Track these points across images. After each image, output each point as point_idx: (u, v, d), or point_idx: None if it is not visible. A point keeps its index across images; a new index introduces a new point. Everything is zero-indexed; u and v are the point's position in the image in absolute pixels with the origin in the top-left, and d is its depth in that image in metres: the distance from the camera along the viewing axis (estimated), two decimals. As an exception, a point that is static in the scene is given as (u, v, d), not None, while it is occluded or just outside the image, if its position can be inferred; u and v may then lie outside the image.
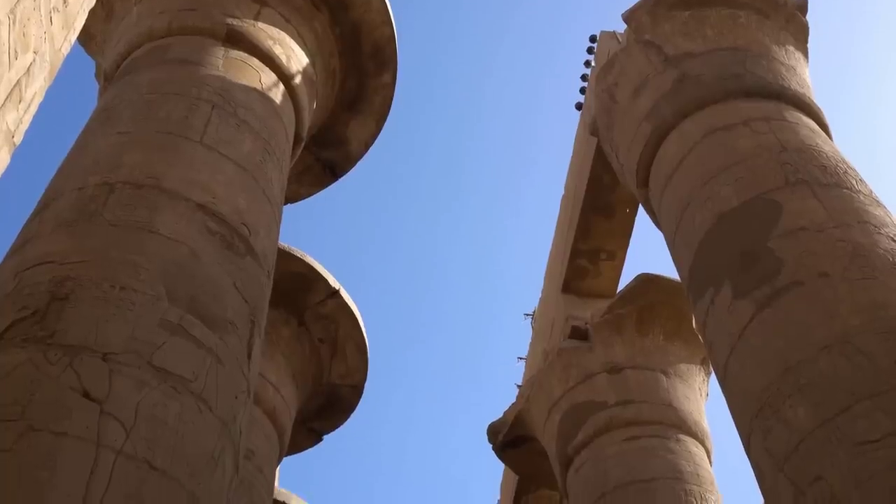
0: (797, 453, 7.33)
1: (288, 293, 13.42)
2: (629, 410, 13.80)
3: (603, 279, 16.18)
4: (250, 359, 7.61)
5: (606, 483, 13.09)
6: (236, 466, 6.94)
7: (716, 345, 9.02)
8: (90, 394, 5.97)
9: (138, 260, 7.16)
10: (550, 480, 16.05)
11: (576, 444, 13.97)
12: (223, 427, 6.69)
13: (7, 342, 6.27)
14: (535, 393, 15.42)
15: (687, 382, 14.49)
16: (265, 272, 8.57)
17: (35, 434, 5.61)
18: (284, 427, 13.37)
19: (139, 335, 6.54)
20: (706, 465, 13.52)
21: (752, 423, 8.04)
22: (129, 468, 5.75)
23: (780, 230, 8.82)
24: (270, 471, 12.80)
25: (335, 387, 14.54)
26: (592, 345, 14.76)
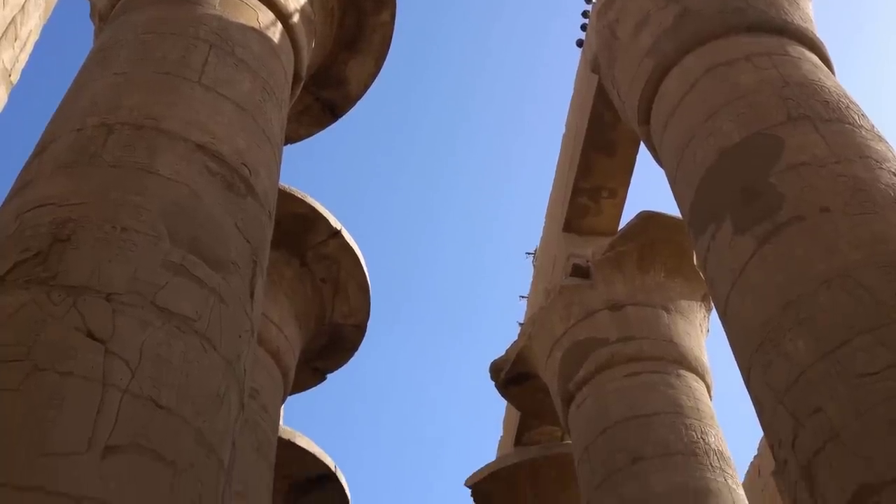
0: (797, 386, 7.40)
1: (289, 234, 13.44)
2: (630, 347, 13.91)
3: (604, 217, 16.20)
4: (253, 298, 7.65)
5: (608, 418, 13.25)
6: (241, 404, 7.02)
7: (717, 280, 9.05)
8: (94, 334, 6.01)
9: (139, 201, 7.16)
10: (552, 416, 16.25)
11: (577, 381, 14.11)
12: (227, 366, 6.75)
13: (10, 283, 6.30)
14: (536, 331, 15.53)
15: (688, 319, 14.58)
16: (266, 212, 8.57)
17: (41, 374, 5.66)
18: (288, 366, 13.48)
19: (142, 276, 6.56)
20: (706, 399, 13.67)
21: (752, 357, 8.10)
22: (136, 406, 5.81)
23: (782, 165, 8.80)
24: (275, 409, 12.94)
25: (338, 326, 14.63)
26: (594, 282, 14.82)
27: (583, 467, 13.43)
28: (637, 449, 12.62)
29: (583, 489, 13.41)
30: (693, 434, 12.78)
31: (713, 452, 12.64)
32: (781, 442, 7.62)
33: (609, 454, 12.87)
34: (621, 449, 12.77)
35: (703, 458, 12.49)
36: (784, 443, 7.56)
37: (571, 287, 15.01)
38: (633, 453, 12.60)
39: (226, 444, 6.46)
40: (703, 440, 12.76)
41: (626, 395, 13.36)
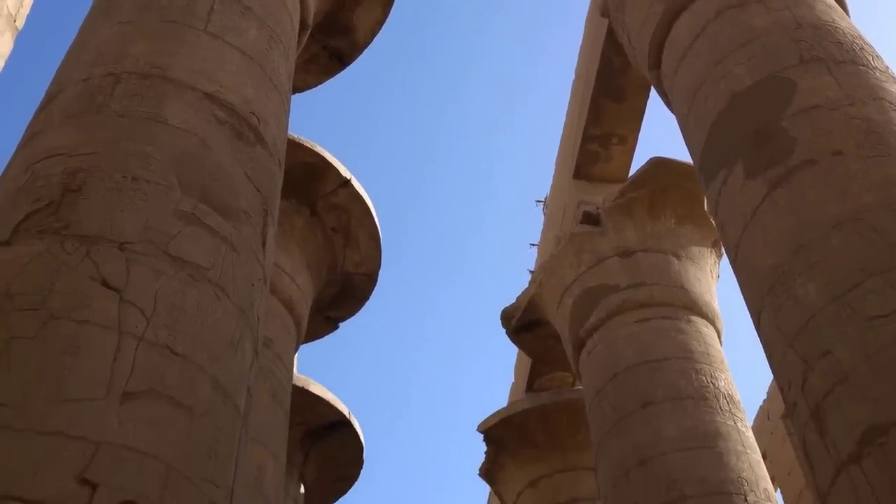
0: (807, 329, 7.43)
1: (299, 183, 13.45)
2: (641, 293, 13.94)
3: (614, 164, 16.14)
4: (265, 247, 7.68)
5: (618, 364, 13.33)
6: (256, 352, 7.09)
7: (727, 226, 9.04)
8: (109, 283, 6.06)
9: (148, 150, 7.17)
10: (563, 363, 16.36)
11: (588, 327, 14.18)
12: (241, 314, 6.81)
13: (23, 234, 6.35)
14: (547, 278, 15.57)
15: (698, 265, 14.59)
16: (276, 161, 8.57)
17: (57, 322, 5.73)
18: (301, 316, 13.58)
19: (153, 225, 6.60)
20: (716, 344, 13.73)
21: (762, 301, 8.12)
22: (152, 354, 5.88)
23: (794, 108, 8.73)
24: (289, 358, 13.06)
25: (349, 275, 14.70)
26: (604, 229, 14.82)
27: (594, 412, 13.55)
28: (647, 394, 12.72)
29: (594, 434, 13.55)
30: (703, 379, 12.87)
31: (723, 396, 12.73)
32: (791, 384, 7.67)
33: (620, 399, 12.98)
34: (632, 394, 12.87)
35: (712, 402, 12.58)
36: (794, 385, 7.61)
37: (582, 234, 15.01)
38: (643, 398, 12.70)
39: (241, 391, 6.54)
40: (712, 384, 12.84)
41: (636, 341, 13.42)
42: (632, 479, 12.17)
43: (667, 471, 11.86)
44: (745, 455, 12.11)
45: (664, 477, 11.83)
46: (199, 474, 5.72)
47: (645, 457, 12.16)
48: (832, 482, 6.99)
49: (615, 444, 12.71)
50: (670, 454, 12.00)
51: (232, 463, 6.20)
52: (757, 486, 11.77)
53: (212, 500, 5.77)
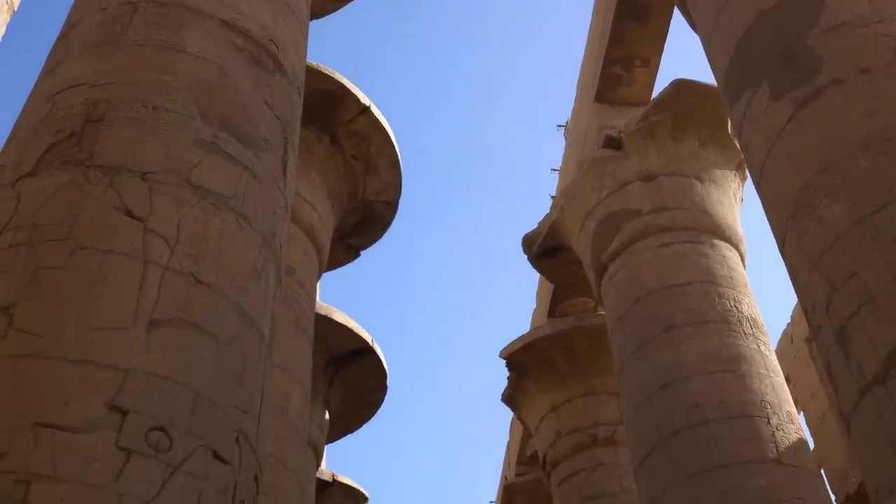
0: (832, 251, 7.36)
1: (319, 111, 13.36)
2: (663, 217, 13.86)
3: (636, 87, 15.91)
4: (286, 175, 7.68)
5: (640, 288, 13.32)
6: (279, 279, 7.13)
7: (752, 148, 8.92)
8: (133, 212, 6.10)
9: (168, 79, 7.14)
10: (585, 288, 16.37)
11: (610, 252, 14.14)
12: (264, 241, 6.84)
13: (47, 165, 6.37)
14: (568, 203, 15.49)
15: (721, 188, 14.47)
16: (295, 88, 8.51)
17: (83, 252, 5.78)
18: (322, 244, 13.62)
19: (175, 154, 6.60)
20: (740, 268, 13.67)
21: (787, 224, 8.05)
22: (177, 282, 5.93)
23: (822, 27, 8.52)
24: (311, 286, 13.14)
25: (370, 203, 14.68)
26: (626, 153, 14.68)
27: (616, 337, 13.59)
28: (670, 318, 12.72)
29: (616, 358, 13.61)
30: (726, 303, 12.84)
31: (746, 320, 12.72)
32: (816, 307, 7.63)
33: (642, 323, 12.99)
34: (654, 318, 12.87)
35: (735, 325, 12.57)
36: (818, 308, 7.57)
37: (604, 159, 14.88)
38: (666, 322, 12.71)
39: (266, 318, 6.60)
40: (736, 308, 12.82)
41: (659, 266, 13.38)
42: (654, 403, 12.25)
43: (689, 394, 11.92)
44: (769, 378, 12.15)
45: (686, 401, 11.89)
46: (226, 401, 5.80)
47: (667, 381, 12.22)
48: (856, 404, 6.99)
49: (637, 369, 12.77)
50: (693, 378, 12.05)
51: (259, 389, 6.28)
52: (780, 410, 11.82)
53: (240, 426, 5.86)
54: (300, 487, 11.56)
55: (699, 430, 11.57)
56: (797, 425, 11.95)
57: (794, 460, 11.28)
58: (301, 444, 11.96)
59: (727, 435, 11.40)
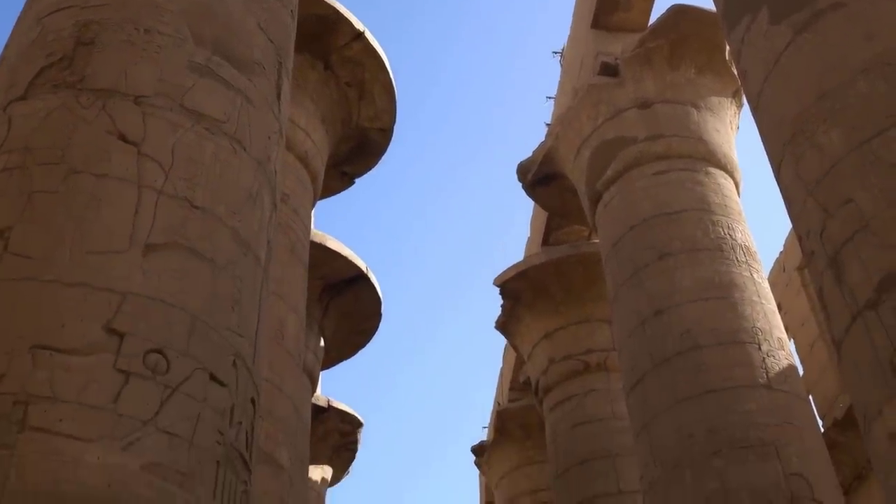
0: (828, 177, 7.35)
1: (312, 37, 13.19)
2: (659, 144, 13.81)
3: (634, 12, 15.71)
4: (280, 100, 7.61)
5: (635, 216, 13.33)
6: (274, 205, 7.12)
7: (750, 73, 8.84)
8: (126, 136, 6.05)
9: (160, 1, 7.02)
10: (579, 216, 16.38)
11: (605, 180, 14.12)
12: (258, 166, 6.81)
13: (38, 88, 6.30)
14: (564, 130, 15.41)
15: (718, 115, 14.39)
16: (288, 12, 8.39)
17: (77, 176, 5.75)
18: (317, 171, 13.57)
19: (168, 77, 6.53)
20: (734, 196, 13.68)
21: (783, 150, 8.02)
22: (172, 207, 5.92)
23: (823, -51, 8.38)
24: (306, 213, 13.13)
25: (364, 130, 14.59)
26: (622, 80, 14.55)
27: (610, 264, 13.65)
28: (664, 245, 12.76)
29: (610, 285, 13.68)
30: (720, 230, 12.88)
31: (740, 248, 12.77)
32: (810, 233, 7.64)
33: (636, 251, 13.04)
34: (649, 245, 12.91)
35: (729, 253, 12.62)
36: (812, 234, 7.59)
37: (600, 85, 14.76)
38: (660, 249, 12.75)
39: (261, 243, 6.60)
40: (729, 236, 12.86)
41: (654, 193, 13.38)
42: (647, 330, 12.36)
43: (682, 321, 12.02)
44: (760, 305, 12.24)
45: (679, 327, 12.00)
46: (223, 324, 5.84)
47: (660, 307, 12.31)
48: (847, 329, 7.05)
49: (631, 296, 12.85)
50: (686, 304, 12.13)
51: (255, 314, 6.32)
52: (771, 336, 11.94)
53: (236, 349, 5.90)
54: (296, 412, 11.70)
55: (691, 355, 11.70)
56: (787, 351, 12.08)
57: (783, 386, 11.43)
58: (297, 370, 12.07)
59: (718, 361, 11.53)
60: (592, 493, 15.86)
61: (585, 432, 16.66)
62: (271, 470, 10.58)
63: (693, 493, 10.79)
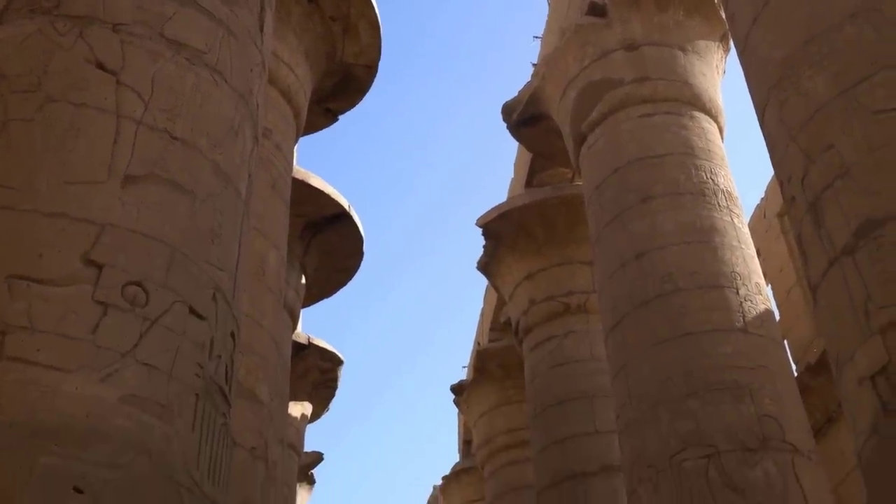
0: (811, 123, 7.35)
1: (296, -32, 12.97)
2: (645, 87, 13.74)
3: (623, -49, 15.49)
4: (262, 32, 7.49)
5: (619, 159, 13.31)
6: (255, 139, 7.05)
7: (738, 16, 8.77)
8: (104, 65, 5.95)
9: (139, -73, 6.84)
10: (564, 158, 16.34)
11: (590, 122, 14.06)
12: (240, 99, 6.72)
13: (13, 13, 6.16)
14: (550, 71, 15.30)
15: (704, 59, 14.31)
16: (272, -58, 8.22)
17: (54, 105, 5.66)
18: (300, 106, 13.43)
19: (147, 6, 6.40)
20: (718, 141, 13.67)
21: (768, 94, 8.00)
22: (151, 138, 5.85)
23: None
24: (288, 149, 13.03)
25: (349, 66, 14.42)
26: (610, 21, 14.41)
27: (592, 206, 13.66)
28: (647, 188, 12.77)
29: (591, 227, 13.71)
30: (703, 175, 12.90)
31: (721, 192, 12.81)
32: (791, 178, 7.66)
33: (619, 193, 13.05)
34: (632, 188, 12.92)
35: (711, 197, 12.66)
36: (794, 179, 7.61)
37: (587, 26, 14.62)
38: (643, 192, 12.77)
39: (242, 177, 6.55)
40: (712, 181, 12.89)
41: (638, 136, 13.35)
42: (628, 272, 12.42)
43: (663, 264, 12.09)
44: (740, 250, 12.32)
45: (660, 269, 12.07)
46: (202, 257, 5.82)
47: (642, 250, 12.37)
48: (824, 274, 7.11)
49: (613, 238, 12.89)
50: (667, 248, 12.19)
51: (235, 248, 6.29)
52: (749, 280, 12.04)
53: (216, 282, 5.89)
54: (276, 348, 11.74)
55: (670, 298, 11.79)
56: (765, 296, 12.19)
57: (759, 330, 11.56)
58: (277, 307, 12.09)
59: (697, 304, 11.63)
60: (569, 432, 16.08)
61: (564, 373, 16.84)
62: (251, 405, 10.64)
63: (668, 432, 10.96)
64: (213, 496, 5.41)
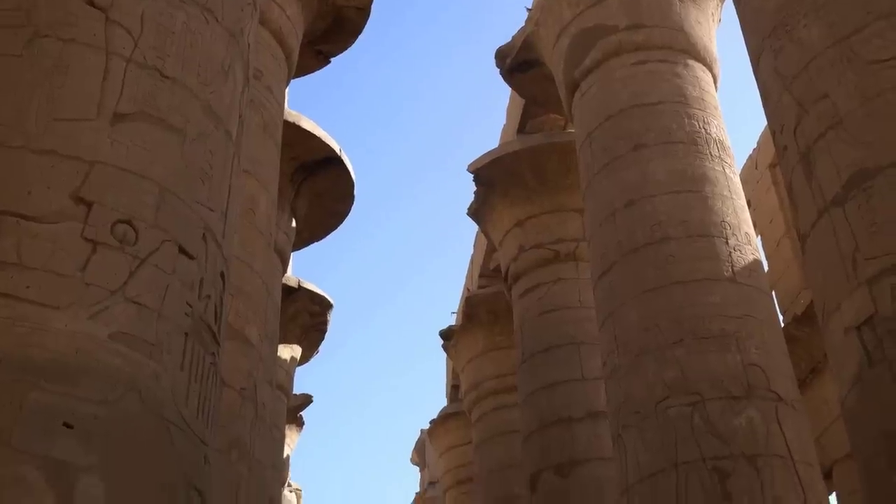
0: (806, 72, 7.33)
1: None
2: (639, 35, 13.63)
3: None
4: (254, -30, 7.38)
5: (612, 106, 13.26)
6: (247, 79, 6.99)
7: (735, -37, 8.70)
8: (94, 1, 5.84)
9: None
10: (556, 105, 16.26)
11: (583, 68, 13.97)
12: (231, 38, 6.64)
13: (1, -53, 6.05)
14: (544, 17, 15.15)
15: (700, 7, 14.18)
16: None
17: (43, 40, 5.57)
18: (291, 48, 13.31)
19: (138, -59, 6.28)
20: (712, 90, 13.61)
21: (763, 44, 7.96)
22: (141, 75, 5.78)
23: None
24: (280, 91, 12.93)
25: (341, 8, 14.26)
26: (606, -34, 14.24)
27: (584, 153, 13.63)
28: (639, 136, 12.74)
29: (583, 175, 13.70)
30: (696, 123, 12.86)
31: (714, 142, 12.78)
32: (784, 128, 7.66)
33: (611, 141, 13.01)
34: (624, 136, 12.89)
35: (703, 147, 12.64)
36: (786, 129, 7.61)
37: (582, -29, 14.44)
38: (635, 140, 12.73)
39: (233, 117, 6.50)
40: (704, 130, 12.86)
41: (631, 84, 13.27)
42: (618, 220, 12.44)
43: (653, 212, 12.11)
44: (731, 200, 12.33)
45: (650, 218, 12.09)
46: (192, 197, 5.79)
47: (632, 198, 12.37)
48: (814, 224, 7.15)
49: (603, 186, 12.88)
50: (658, 196, 12.20)
51: (225, 188, 6.27)
52: (739, 231, 12.07)
53: (206, 222, 5.87)
54: (266, 290, 11.77)
55: (660, 247, 11.83)
56: (754, 247, 12.24)
57: (748, 280, 11.62)
58: (267, 249, 12.09)
59: (686, 253, 11.67)
60: (556, 378, 16.23)
61: (552, 320, 16.95)
62: (240, 346, 10.70)
63: (654, 380, 11.07)
64: (201, 433, 5.46)
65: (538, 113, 18.21)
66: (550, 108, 17.31)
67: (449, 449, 27.20)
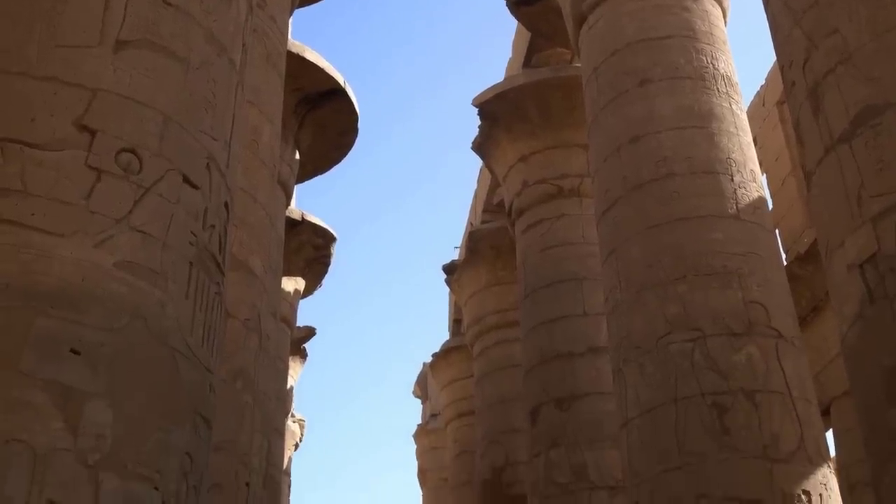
0: (816, 6, 7.21)
1: None
2: (649, -34, 13.39)
3: None
4: None
5: (619, 40, 13.09)
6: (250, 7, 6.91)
7: None
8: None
9: None
10: (563, 39, 16.08)
11: (590, 2, 13.75)
12: (234, -36, 6.55)
13: None
14: (552, -53, 14.91)
15: (711, -61, 13.91)
16: None
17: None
18: (295, -23, 13.13)
19: None
20: (721, 24, 13.43)
21: (774, -24, 7.83)
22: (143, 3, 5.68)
23: None
24: (283, 21, 12.81)
25: (346, -64, 14.04)
26: None
27: (590, 88, 13.50)
28: (646, 71, 12.60)
29: (588, 110, 13.59)
30: (703, 59, 12.71)
31: (721, 78, 12.65)
32: (792, 63, 7.57)
33: (617, 75, 12.88)
34: (630, 71, 12.75)
35: (710, 82, 12.51)
36: (795, 64, 7.52)
37: None
38: (641, 75, 12.60)
39: (236, 46, 6.44)
40: (712, 65, 12.72)
41: (639, 17, 13.08)
42: (622, 156, 12.37)
43: (658, 148, 12.03)
44: (737, 137, 12.25)
45: (655, 154, 12.02)
46: (196, 126, 5.76)
47: (638, 134, 12.29)
48: (820, 161, 7.10)
49: (609, 121, 12.79)
50: (664, 132, 12.11)
51: (229, 118, 6.23)
52: (744, 168, 12.01)
53: (210, 151, 5.85)
54: (270, 222, 11.78)
55: (664, 183, 11.78)
56: (759, 184, 12.19)
57: (752, 217, 11.60)
58: (271, 180, 12.07)
59: (691, 189, 11.63)
60: (558, 313, 16.32)
61: (555, 255, 16.98)
62: (244, 276, 10.75)
63: (655, 315, 11.12)
64: (207, 362, 5.51)
65: (544, 47, 18.02)
66: (557, 41, 17.13)
67: (451, 382, 27.47)
